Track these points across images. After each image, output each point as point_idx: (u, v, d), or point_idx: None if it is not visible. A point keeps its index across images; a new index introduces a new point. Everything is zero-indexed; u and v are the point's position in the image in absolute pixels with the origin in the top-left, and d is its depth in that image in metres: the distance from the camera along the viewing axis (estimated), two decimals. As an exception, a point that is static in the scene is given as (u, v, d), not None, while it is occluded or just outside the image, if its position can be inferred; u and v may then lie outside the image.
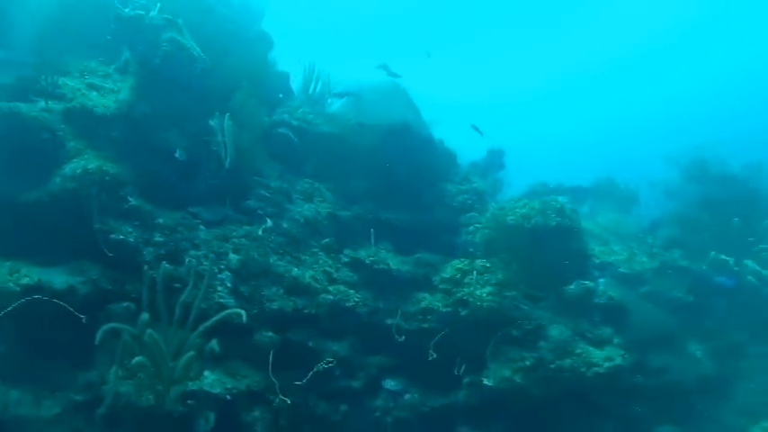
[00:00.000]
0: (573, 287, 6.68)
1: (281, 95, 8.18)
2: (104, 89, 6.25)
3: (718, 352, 7.05)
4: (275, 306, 5.76)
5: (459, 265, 6.81)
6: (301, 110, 7.89)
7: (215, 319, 4.67)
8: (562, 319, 6.45)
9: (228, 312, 4.83)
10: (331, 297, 6.16)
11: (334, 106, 8.28)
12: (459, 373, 6.18)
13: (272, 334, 5.55)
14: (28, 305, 4.50)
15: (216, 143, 6.14)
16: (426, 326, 6.41)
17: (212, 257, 5.53)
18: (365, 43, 27.55)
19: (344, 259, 6.72)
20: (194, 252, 5.61)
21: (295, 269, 6.15)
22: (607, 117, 38.20)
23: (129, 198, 5.53)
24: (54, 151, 5.49)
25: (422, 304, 6.56)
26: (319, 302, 6.07)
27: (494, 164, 10.12)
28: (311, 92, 8.52)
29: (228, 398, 4.91)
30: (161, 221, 5.63)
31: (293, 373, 5.52)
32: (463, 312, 6.33)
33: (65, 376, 4.70)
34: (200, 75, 6.17)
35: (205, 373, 4.94)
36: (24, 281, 4.63)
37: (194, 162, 6.16)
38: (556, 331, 6.27)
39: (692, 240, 8.20)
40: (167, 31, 5.96)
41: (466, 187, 8.16)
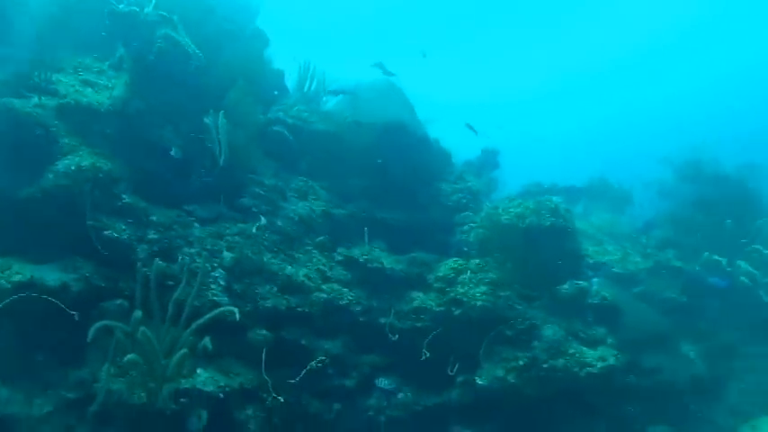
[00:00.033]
0: (566, 287, 6.69)
1: (276, 93, 8.16)
2: (99, 85, 6.24)
3: (710, 352, 7.10)
4: (269, 304, 5.75)
5: (453, 265, 6.82)
6: (296, 108, 7.87)
7: (208, 317, 4.68)
8: (556, 318, 6.46)
9: (222, 310, 4.83)
10: (324, 295, 6.16)
11: (330, 104, 8.27)
12: (453, 373, 6.19)
13: (265, 332, 5.54)
14: (20, 302, 4.48)
15: (210, 140, 6.14)
16: (420, 325, 6.41)
17: (206, 255, 5.53)
18: (361, 42, 27.55)
19: (338, 258, 6.71)
20: (188, 249, 5.59)
21: (289, 267, 6.14)
22: (607, 117, 38.25)
23: (123, 195, 5.51)
24: (47, 147, 5.45)
25: (415, 303, 6.55)
26: (313, 301, 6.06)
27: (488, 163, 10.12)
28: (306, 90, 8.50)
29: (221, 396, 4.89)
30: (155, 219, 5.61)
31: (286, 371, 5.52)
32: (457, 311, 6.33)
33: (56, 374, 4.67)
34: (194, 72, 6.15)
35: (198, 371, 4.92)
36: (16, 278, 4.60)
37: (189, 159, 6.15)
38: (549, 331, 6.28)
39: (685, 241, 8.25)
40: (162, 28, 5.94)
41: (461, 186, 8.17)
